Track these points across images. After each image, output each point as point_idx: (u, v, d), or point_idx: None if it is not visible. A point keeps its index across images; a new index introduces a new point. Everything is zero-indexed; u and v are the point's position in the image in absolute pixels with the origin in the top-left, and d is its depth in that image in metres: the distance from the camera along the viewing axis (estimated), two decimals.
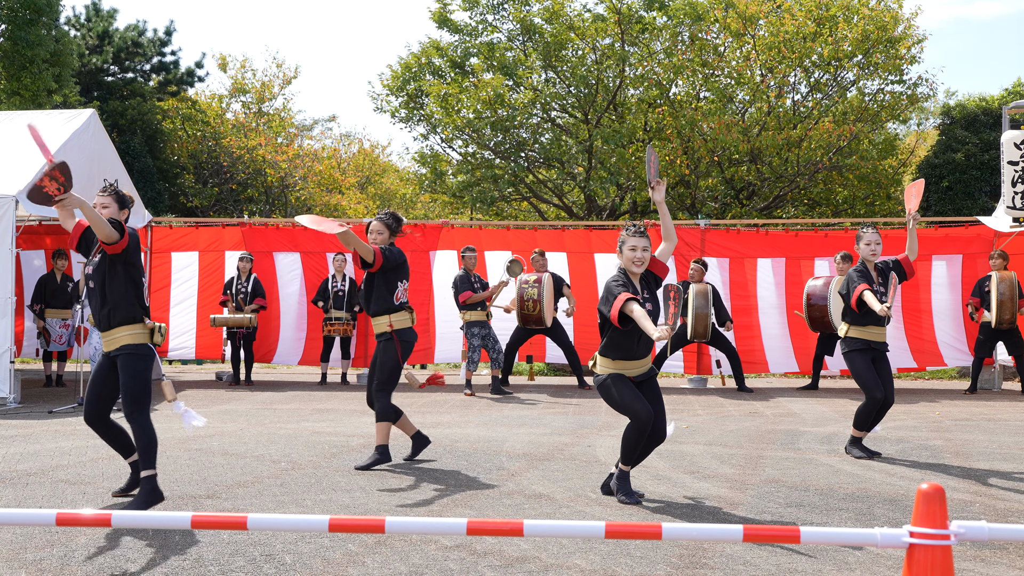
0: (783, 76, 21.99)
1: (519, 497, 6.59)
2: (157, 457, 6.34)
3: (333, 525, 3.52)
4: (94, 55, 28.08)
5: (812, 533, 3.42)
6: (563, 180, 25.12)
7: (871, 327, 8.24)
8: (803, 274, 15.07)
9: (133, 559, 5.01)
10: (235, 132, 30.61)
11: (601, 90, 23.14)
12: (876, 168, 22.78)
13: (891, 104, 22.37)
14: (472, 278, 13.68)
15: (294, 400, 12.84)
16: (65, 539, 5.37)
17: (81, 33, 28.51)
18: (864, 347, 8.25)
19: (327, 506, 6.28)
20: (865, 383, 8.19)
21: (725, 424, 10.58)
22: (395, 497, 6.58)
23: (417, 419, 10.68)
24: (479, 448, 8.74)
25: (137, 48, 29.00)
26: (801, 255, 15.34)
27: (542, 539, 5.45)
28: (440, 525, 3.65)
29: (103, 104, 26.12)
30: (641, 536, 3.60)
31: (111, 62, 28.66)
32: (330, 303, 14.97)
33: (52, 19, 21.73)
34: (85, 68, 27.52)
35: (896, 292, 8.32)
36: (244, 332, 14.72)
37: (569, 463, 7.96)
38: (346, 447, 8.70)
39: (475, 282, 13.67)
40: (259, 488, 6.82)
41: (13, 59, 21.10)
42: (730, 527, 3.46)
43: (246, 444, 8.84)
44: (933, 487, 3.33)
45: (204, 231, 16.40)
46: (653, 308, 6.46)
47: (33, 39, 20.80)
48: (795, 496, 6.73)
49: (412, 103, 24.28)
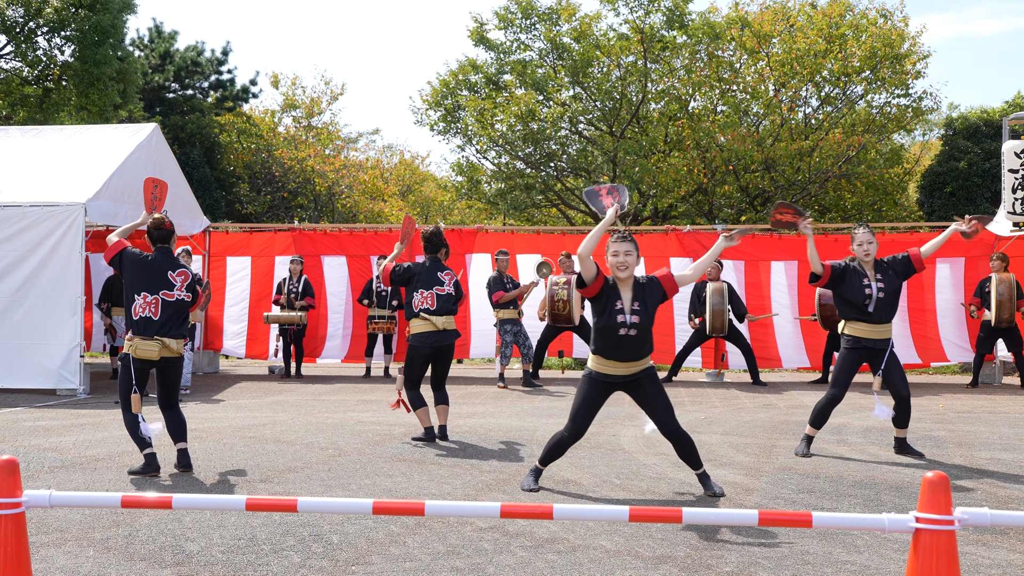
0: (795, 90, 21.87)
1: (549, 482, 6.58)
2: None
3: (376, 508, 3.53)
4: (156, 73, 28.31)
5: (823, 518, 3.39)
6: None
7: (859, 323, 7.63)
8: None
9: (192, 538, 5.04)
10: (286, 144, 30.78)
11: (625, 104, 23.09)
12: (883, 176, 22.63)
13: (897, 116, 22.21)
14: (504, 279, 13.71)
15: (340, 392, 12.88)
16: (130, 519, 5.41)
17: (144, 53, 28.75)
18: (853, 344, 7.65)
19: (371, 490, 6.29)
20: (834, 378, 7.75)
21: (741, 415, 10.53)
22: (433, 482, 6.58)
23: (454, 410, 10.69)
24: (512, 436, 8.73)
25: (196, 67, 29.22)
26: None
27: (570, 522, 5.43)
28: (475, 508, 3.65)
29: (165, 119, 26.34)
30: (662, 520, 3.58)
31: (172, 80, 28.89)
32: (374, 302, 15.01)
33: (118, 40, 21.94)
34: (148, 85, 27.76)
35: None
36: (295, 329, 14.78)
37: (595, 451, 7.94)
38: (389, 435, 8.71)
39: (507, 282, 13.70)
40: (308, 473, 6.85)
41: (82, 77, 21.31)
42: (746, 512, 3.44)
43: (296, 432, 8.88)
44: (938, 475, 3.29)
45: (257, 236, 16.47)
46: (640, 321, 5.97)
47: (100, 59, 21.00)
48: (806, 483, 6.68)
49: (450, 117, 24.33)
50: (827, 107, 22.78)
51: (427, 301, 8.31)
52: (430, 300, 8.32)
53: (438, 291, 8.37)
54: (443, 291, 8.39)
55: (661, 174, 21.70)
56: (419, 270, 8.41)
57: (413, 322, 8.34)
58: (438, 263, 8.54)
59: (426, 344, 8.30)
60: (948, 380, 15.94)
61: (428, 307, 8.30)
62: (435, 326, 8.28)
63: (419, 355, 8.34)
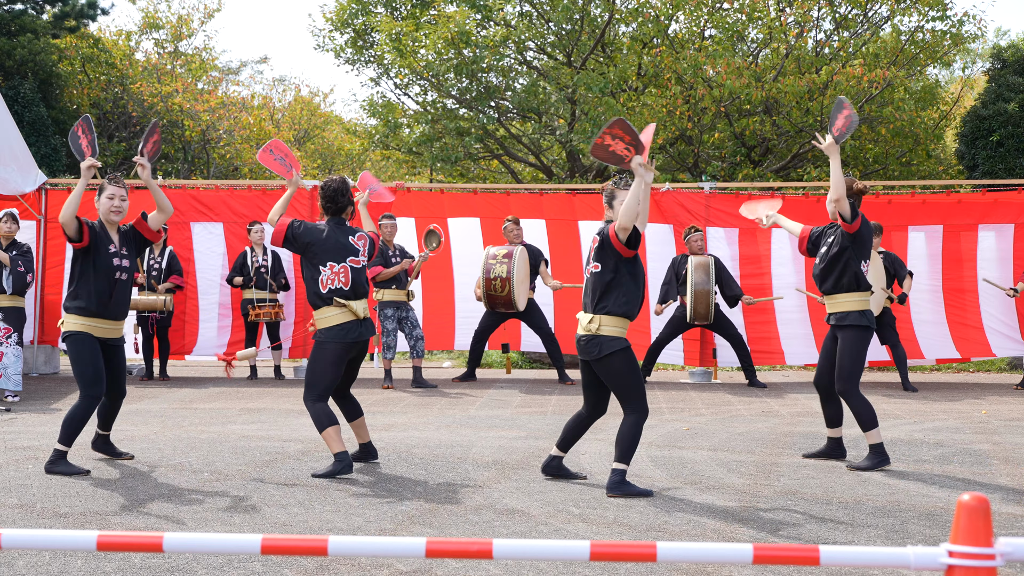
0: (804, 11, 22.01)
1: (488, 513, 6.62)
2: None
3: (266, 546, 3.53)
4: None
5: (833, 554, 3.45)
6: (541, 134, 25.13)
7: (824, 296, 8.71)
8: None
9: None
10: (146, 76, 30.37)
11: (587, 27, 23.12)
12: (913, 120, 22.82)
13: (932, 45, 22.43)
14: (390, 250, 13.69)
15: (218, 398, 12.82)
16: None
17: None
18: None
19: (259, 524, 6.29)
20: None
21: (733, 426, 10.65)
22: (340, 513, 6.60)
23: (369, 420, 10.68)
24: (440, 455, 8.76)
25: None
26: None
27: (515, 562, 5.48)
28: (394, 546, 3.66)
29: None
30: (633, 558, 3.63)
31: None
32: (252, 281, 14.85)
33: None
34: None
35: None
36: (158, 317, 14.61)
37: None
38: (281, 454, 8.70)
39: (394, 254, 13.68)
40: (177, 503, 6.82)
41: None
42: (738, 547, 3.49)
43: (161, 451, 8.83)
44: (976, 498, 3.35)
45: None
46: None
47: None
48: (815, 510, 6.79)
49: (360, 41, 24.22)
50: (844, 32, 22.99)
51: (339, 278, 8.01)
52: (343, 277, 8.02)
53: (352, 263, 8.09)
54: (358, 262, 8.14)
55: (633, 116, 21.76)
56: (319, 236, 8.07)
57: (322, 311, 8.02)
58: (345, 226, 8.24)
59: (343, 341, 8.02)
60: (993, 379, 16.23)
61: (341, 287, 8.01)
62: (355, 314, 8.01)
63: (332, 356, 8.01)
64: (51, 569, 5.29)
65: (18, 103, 23.48)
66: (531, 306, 14.23)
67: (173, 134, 29.62)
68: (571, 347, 15.37)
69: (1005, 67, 23.31)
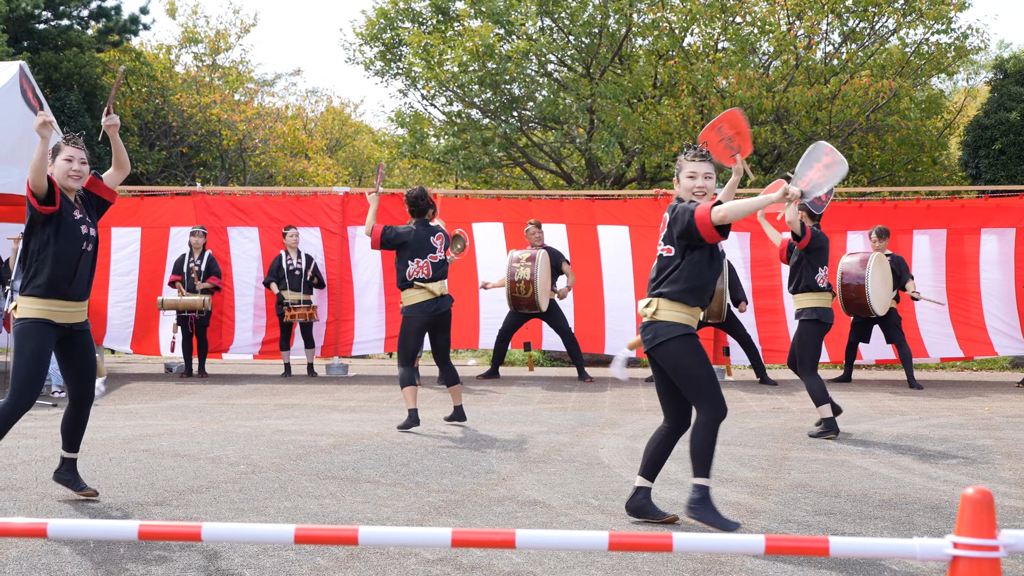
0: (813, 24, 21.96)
1: (511, 504, 6.62)
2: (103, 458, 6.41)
3: (299, 536, 3.54)
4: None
5: (843, 544, 3.44)
6: (561, 143, 25.09)
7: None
8: (835, 250, 15.05)
9: (72, 574, 5.02)
10: (186, 88, 30.47)
11: (605, 40, 23.09)
12: (918, 129, 22.76)
13: (936, 56, 22.35)
14: None
15: (254, 394, 12.85)
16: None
17: None
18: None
19: (292, 514, 6.30)
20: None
21: (745, 421, 10.63)
22: (370, 504, 6.60)
23: (395, 415, 10.72)
24: (465, 449, 8.77)
25: None
26: (833, 228, 15.26)
27: (537, 552, 5.47)
28: (421, 536, 3.67)
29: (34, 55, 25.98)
30: (649, 548, 3.62)
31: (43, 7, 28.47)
32: (285, 283, 14.92)
33: None
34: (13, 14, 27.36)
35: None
36: (197, 317, 14.68)
37: (568, 465, 7.99)
38: (314, 447, 8.72)
39: None
40: (215, 494, 6.84)
41: None
42: (750, 537, 3.48)
43: (199, 444, 8.85)
44: (980, 492, 3.34)
45: (149, 202, 16.35)
46: None
47: None
48: (824, 503, 6.77)
49: (389, 54, 24.24)
50: (852, 44, 22.90)
51: (422, 271, 9.72)
52: (425, 269, 9.73)
53: (432, 259, 9.78)
54: (436, 258, 9.81)
55: (649, 126, 21.74)
56: (410, 237, 9.71)
57: (407, 292, 9.71)
58: (428, 226, 9.89)
59: (424, 313, 9.71)
60: (996, 377, 16.16)
61: (423, 276, 9.71)
62: (432, 293, 9.72)
63: (415, 325, 9.74)
64: (95, 557, 5.30)
65: (64, 114, 23.59)
66: (552, 306, 14.23)
67: (211, 143, 29.72)
68: (590, 346, 15.43)
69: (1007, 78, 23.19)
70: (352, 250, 15.84)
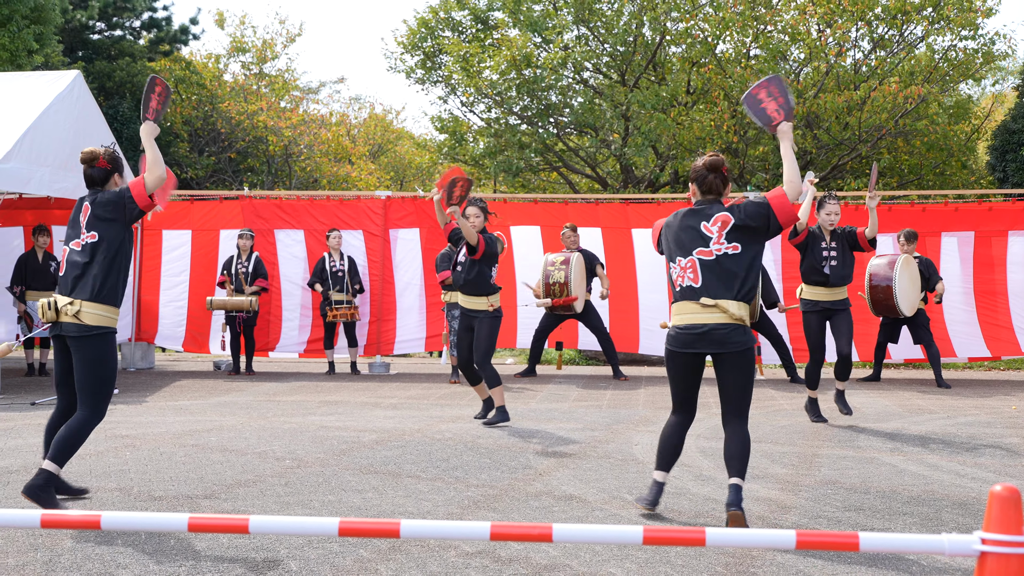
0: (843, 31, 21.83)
1: (548, 499, 6.61)
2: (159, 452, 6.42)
3: (343, 529, 3.55)
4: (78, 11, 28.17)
5: (872, 540, 3.42)
6: (596, 148, 25.07)
7: (816, 288, 9.97)
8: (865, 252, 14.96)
9: (124, 564, 5.06)
10: (234, 96, 30.68)
11: (639, 48, 23.05)
12: (947, 134, 22.62)
13: (964, 62, 22.18)
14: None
15: (300, 391, 12.90)
16: (50, 542, 5.42)
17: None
18: (812, 308, 9.95)
19: (336, 508, 6.32)
20: (809, 344, 9.91)
21: (776, 419, 10.57)
22: (411, 499, 6.61)
23: (435, 412, 10.74)
24: (503, 445, 8.77)
25: (126, 3, 29.07)
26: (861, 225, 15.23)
27: (573, 545, 5.46)
28: (461, 529, 3.67)
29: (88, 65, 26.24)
30: (683, 543, 3.61)
31: (97, 18, 28.75)
32: (329, 284, 15.01)
33: None
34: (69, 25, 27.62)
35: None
36: (244, 316, 14.77)
37: (603, 461, 7.97)
38: (357, 443, 8.74)
39: None
40: (261, 488, 6.87)
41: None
42: (782, 533, 3.47)
43: (247, 440, 8.90)
44: (1008, 489, 3.31)
45: (199, 205, 16.46)
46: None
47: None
48: (854, 499, 6.72)
49: (429, 62, 24.29)
50: (881, 51, 22.76)
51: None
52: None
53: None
54: None
55: (683, 131, 21.68)
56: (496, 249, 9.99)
57: (493, 297, 9.97)
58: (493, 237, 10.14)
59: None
60: (1022, 377, 16.00)
61: None
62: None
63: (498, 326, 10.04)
64: (146, 548, 5.34)
65: (117, 121, 23.81)
66: (587, 307, 14.23)
67: (258, 149, 29.90)
68: (624, 345, 15.41)
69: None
70: (394, 252, 15.90)
